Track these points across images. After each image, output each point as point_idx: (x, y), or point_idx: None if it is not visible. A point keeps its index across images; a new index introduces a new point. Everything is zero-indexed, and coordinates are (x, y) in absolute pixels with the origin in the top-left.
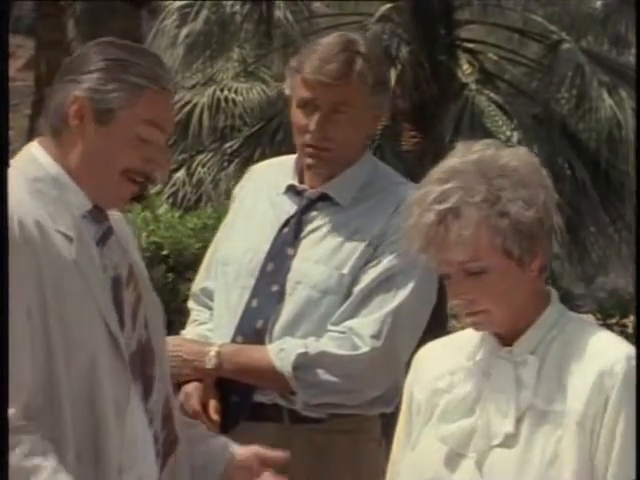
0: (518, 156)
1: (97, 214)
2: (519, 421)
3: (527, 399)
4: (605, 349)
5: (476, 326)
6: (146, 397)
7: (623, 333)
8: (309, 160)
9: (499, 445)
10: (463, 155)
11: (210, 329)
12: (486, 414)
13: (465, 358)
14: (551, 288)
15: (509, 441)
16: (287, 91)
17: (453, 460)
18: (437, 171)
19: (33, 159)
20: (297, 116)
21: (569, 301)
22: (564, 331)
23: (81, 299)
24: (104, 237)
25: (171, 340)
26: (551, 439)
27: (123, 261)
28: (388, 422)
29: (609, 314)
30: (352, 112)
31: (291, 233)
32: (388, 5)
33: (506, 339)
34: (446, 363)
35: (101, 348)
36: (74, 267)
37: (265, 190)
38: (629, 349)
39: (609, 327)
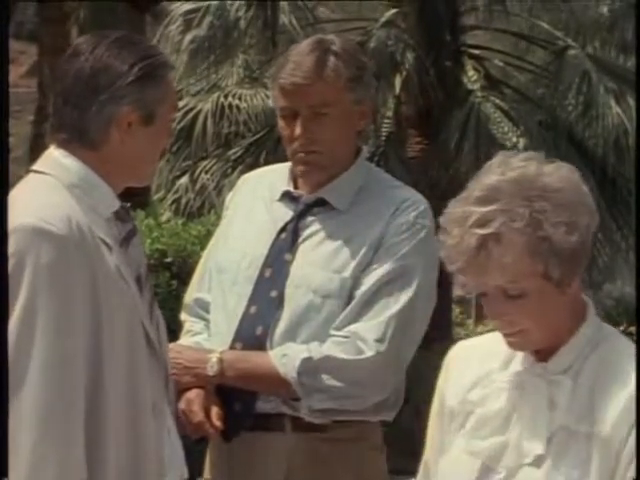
0: (560, 175)
1: (123, 214)
2: (549, 441)
3: (559, 420)
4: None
5: (513, 345)
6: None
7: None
8: (302, 167)
9: (529, 464)
10: (502, 172)
11: (206, 339)
12: (518, 432)
13: (497, 366)
14: (589, 301)
15: (539, 461)
16: (272, 103)
17: (484, 473)
18: (476, 188)
19: (63, 166)
20: (282, 126)
21: None
22: (598, 348)
23: (125, 303)
24: (129, 236)
25: (171, 347)
26: (577, 461)
27: (143, 259)
28: (389, 430)
29: (616, 321)
30: (334, 111)
31: (288, 239)
32: (393, 10)
33: (541, 354)
34: (477, 369)
35: (141, 350)
36: (117, 273)
37: (260, 197)
38: None
39: None
